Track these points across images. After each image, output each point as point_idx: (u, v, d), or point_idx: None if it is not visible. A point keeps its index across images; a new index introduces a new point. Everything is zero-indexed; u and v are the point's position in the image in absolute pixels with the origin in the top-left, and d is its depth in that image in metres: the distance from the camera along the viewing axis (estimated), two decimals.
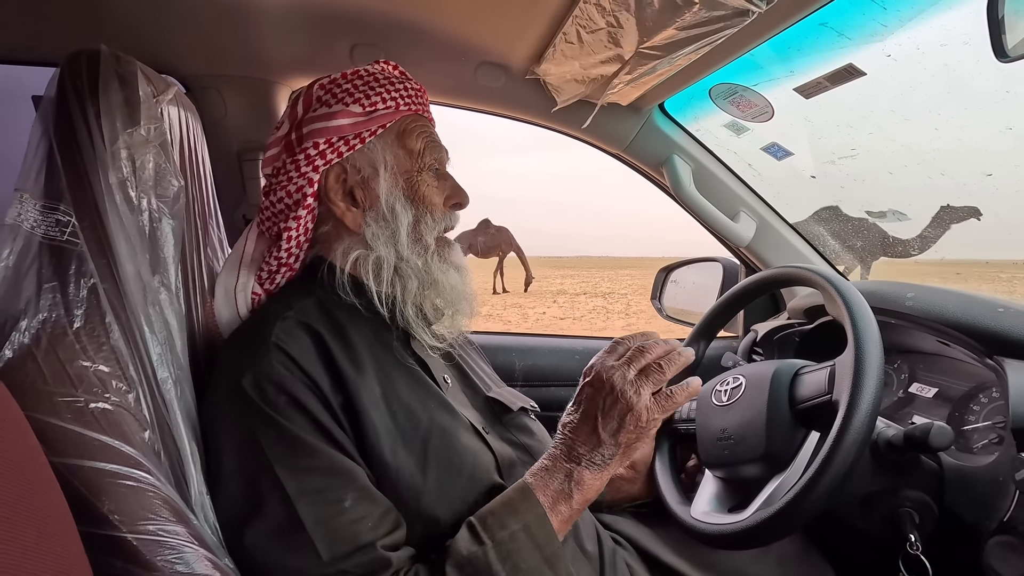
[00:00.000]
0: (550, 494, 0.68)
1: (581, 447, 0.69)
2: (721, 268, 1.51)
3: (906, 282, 1.02)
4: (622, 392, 0.67)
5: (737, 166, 1.34)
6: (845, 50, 0.85)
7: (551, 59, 1.03)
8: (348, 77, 0.82)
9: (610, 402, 0.68)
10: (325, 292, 0.78)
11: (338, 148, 0.78)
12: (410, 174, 0.81)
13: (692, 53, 0.86)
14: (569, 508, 0.68)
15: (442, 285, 0.82)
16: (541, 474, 0.69)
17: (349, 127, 0.78)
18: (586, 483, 0.68)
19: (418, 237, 0.81)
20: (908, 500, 0.77)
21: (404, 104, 0.82)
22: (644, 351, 0.70)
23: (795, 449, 0.77)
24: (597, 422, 0.68)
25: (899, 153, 1.09)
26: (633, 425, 0.67)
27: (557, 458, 0.70)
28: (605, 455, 0.68)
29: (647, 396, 0.68)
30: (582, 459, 0.68)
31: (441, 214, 0.83)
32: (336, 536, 0.61)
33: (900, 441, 0.75)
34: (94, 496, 0.52)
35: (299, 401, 0.65)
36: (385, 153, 0.80)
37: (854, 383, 0.69)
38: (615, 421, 0.67)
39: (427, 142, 0.83)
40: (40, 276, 0.61)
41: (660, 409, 0.68)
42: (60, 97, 0.66)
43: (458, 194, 0.85)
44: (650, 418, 0.68)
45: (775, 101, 1.06)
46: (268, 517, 0.62)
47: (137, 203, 0.68)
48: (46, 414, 0.53)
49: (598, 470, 0.68)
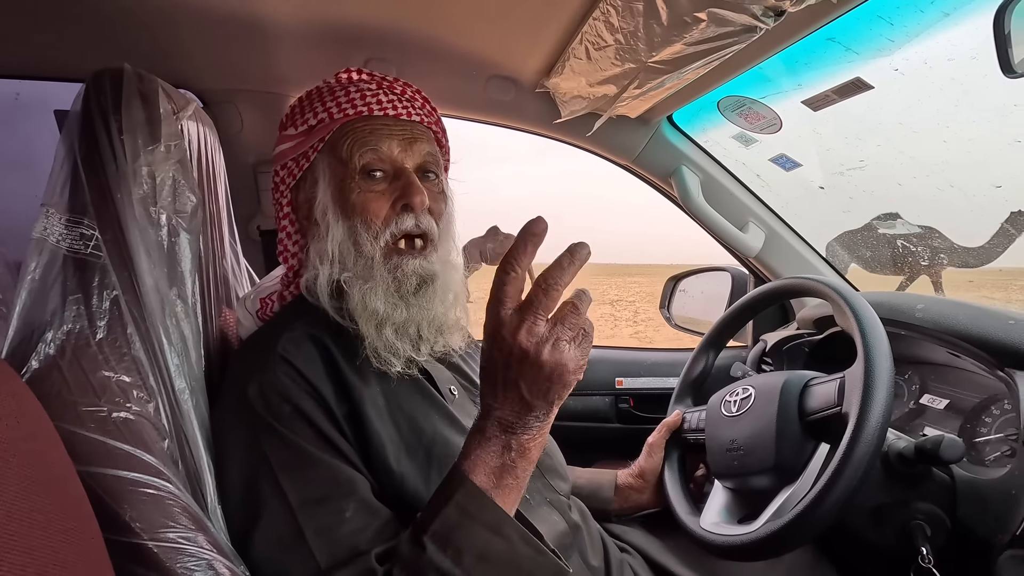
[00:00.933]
0: (491, 471, 0.60)
1: (510, 415, 0.59)
2: (730, 278, 1.51)
3: (915, 293, 1.02)
4: (538, 353, 0.55)
5: (745, 177, 1.35)
6: (853, 64, 0.86)
7: (560, 73, 1.04)
8: (302, 97, 0.83)
9: (528, 367, 0.56)
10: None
11: (291, 170, 0.80)
12: (343, 182, 0.76)
13: (700, 68, 0.87)
14: (515, 478, 0.61)
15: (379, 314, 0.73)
16: (476, 451, 0.61)
17: (290, 149, 0.80)
18: (526, 446, 0.60)
19: (359, 251, 0.75)
20: (919, 513, 0.76)
21: (339, 112, 0.78)
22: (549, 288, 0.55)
23: (805, 461, 0.78)
24: (521, 389, 0.57)
25: (908, 165, 1.09)
26: (561, 381, 0.57)
27: (487, 431, 0.61)
28: (539, 415, 0.59)
29: (567, 347, 0.56)
30: (515, 426, 0.59)
31: (383, 221, 0.75)
32: (336, 546, 0.61)
33: (911, 453, 0.75)
34: (116, 504, 0.53)
35: (302, 411, 0.66)
36: (323, 165, 0.78)
37: (864, 395, 0.69)
38: (542, 384, 0.57)
39: (355, 144, 0.76)
40: (65, 288, 0.62)
41: (582, 354, 0.58)
42: (85, 114, 0.68)
43: (406, 193, 0.75)
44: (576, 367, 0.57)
45: (783, 113, 1.07)
46: (270, 525, 0.62)
47: (156, 218, 0.69)
48: (71, 424, 0.55)
49: (536, 431, 0.60)
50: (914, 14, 0.77)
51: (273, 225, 1.26)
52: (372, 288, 0.74)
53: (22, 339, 0.60)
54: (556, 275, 0.55)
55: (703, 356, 1.10)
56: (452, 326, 0.79)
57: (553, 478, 0.85)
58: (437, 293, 0.77)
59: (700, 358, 1.10)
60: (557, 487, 0.85)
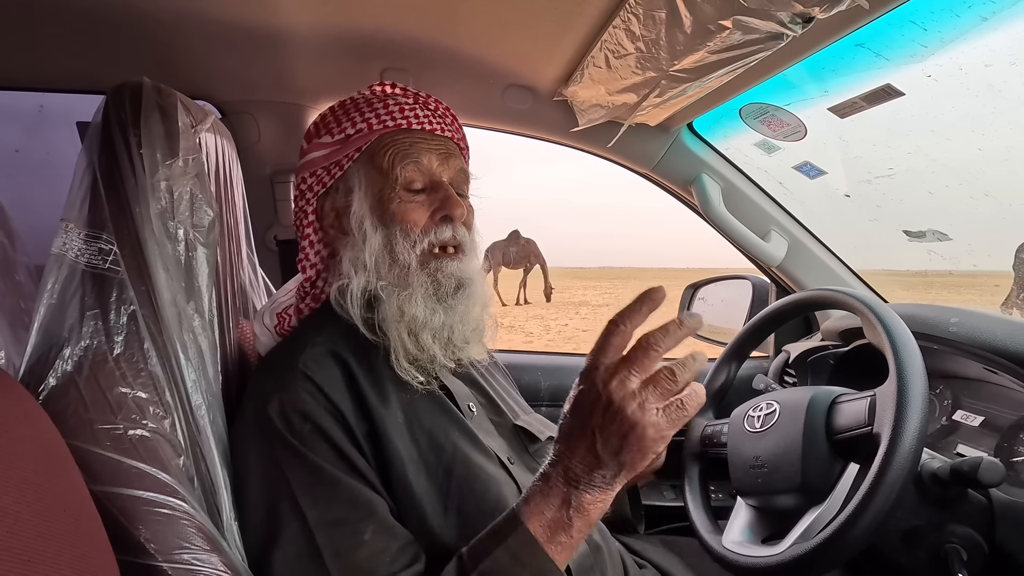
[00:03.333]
0: (546, 524, 0.59)
1: (578, 466, 0.58)
2: (751, 286, 1.48)
3: (947, 306, 0.98)
4: (621, 408, 0.55)
5: (768, 185, 1.32)
6: (883, 70, 0.83)
7: (578, 82, 1.03)
8: (335, 107, 0.83)
9: (608, 418, 0.56)
10: (351, 317, 0.78)
11: (321, 179, 0.80)
12: (382, 193, 0.78)
13: (723, 76, 0.85)
14: (569, 537, 0.59)
15: (416, 319, 0.74)
16: (536, 499, 0.60)
17: (323, 158, 0.80)
18: (586, 507, 0.59)
19: (394, 259, 0.76)
20: (955, 536, 0.73)
21: (378, 123, 0.79)
22: (648, 348, 0.56)
23: (833, 481, 0.75)
24: (595, 440, 0.57)
25: (940, 173, 1.06)
26: (637, 445, 0.56)
27: (552, 479, 0.60)
28: (607, 476, 0.58)
29: (654, 411, 0.55)
30: (580, 481, 0.58)
31: (422, 231, 0.77)
32: (354, 569, 0.60)
33: (947, 475, 0.72)
34: (131, 524, 0.53)
35: (323, 430, 0.66)
36: (359, 175, 0.79)
37: (897, 416, 0.67)
38: (616, 440, 0.56)
39: (396, 156, 0.78)
40: (83, 304, 0.62)
41: (670, 424, 0.56)
42: (104, 128, 0.68)
43: (445, 206, 0.78)
44: (658, 436, 0.56)
45: (808, 120, 1.04)
46: (288, 545, 0.62)
47: (174, 233, 0.69)
48: (87, 442, 0.54)
49: (599, 492, 0.58)
50: (949, 19, 0.75)
51: (290, 235, 1.26)
52: (410, 295, 0.75)
53: (40, 355, 0.60)
54: (659, 337, 0.56)
55: (725, 367, 1.07)
56: (481, 333, 0.81)
57: None
58: (472, 297, 0.79)
59: (722, 369, 1.07)
60: None
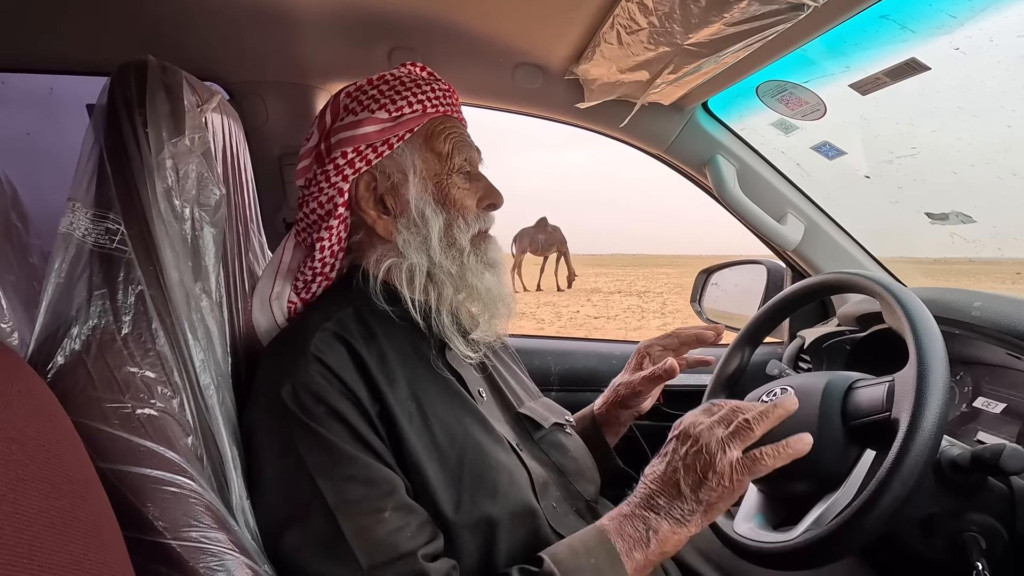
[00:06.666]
0: (627, 539, 0.65)
1: (660, 498, 0.66)
2: (765, 271, 1.46)
3: (970, 289, 0.96)
4: (706, 446, 0.64)
5: (784, 166, 1.29)
6: (908, 43, 0.79)
7: (590, 60, 1.00)
8: (374, 83, 0.81)
9: (693, 455, 0.65)
10: (362, 301, 0.78)
11: (366, 156, 0.78)
12: (439, 177, 0.80)
13: (740, 50, 0.82)
14: (645, 557, 0.65)
15: (477, 289, 0.80)
16: (619, 518, 0.67)
17: (376, 134, 0.78)
18: (663, 535, 0.64)
19: (451, 241, 0.79)
20: (974, 524, 0.72)
21: (431, 106, 0.80)
22: (738, 411, 0.67)
23: (848, 467, 0.74)
24: (679, 474, 0.65)
25: (965, 152, 1.02)
26: (716, 482, 0.63)
27: (636, 505, 0.67)
28: (684, 510, 0.65)
29: (734, 454, 0.64)
30: (660, 510, 0.65)
31: (474, 216, 0.81)
32: (376, 546, 0.61)
33: (967, 462, 0.71)
34: (140, 502, 0.53)
35: (337, 411, 0.66)
36: (414, 158, 0.79)
37: (916, 402, 0.66)
38: (696, 475, 0.64)
39: (456, 143, 0.81)
40: (91, 283, 0.62)
41: (746, 469, 0.64)
42: (110, 108, 0.68)
43: (491, 195, 0.83)
44: (734, 477, 0.63)
45: (828, 98, 1.01)
46: (308, 527, 0.62)
47: (180, 212, 0.69)
48: (95, 420, 0.55)
49: (677, 524, 0.65)
50: None
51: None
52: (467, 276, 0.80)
53: (48, 334, 0.60)
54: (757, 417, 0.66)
55: (738, 352, 1.05)
56: (511, 313, 0.86)
57: (579, 482, 0.84)
58: (504, 278, 0.85)
59: (735, 354, 1.05)
60: (584, 491, 0.84)
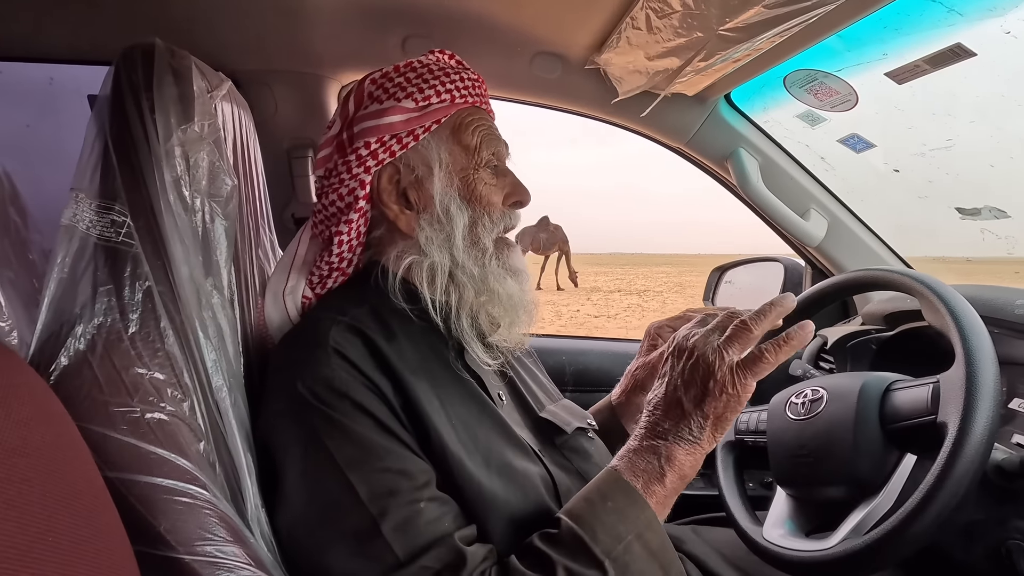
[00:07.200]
0: (640, 474, 0.62)
1: (666, 422, 0.63)
2: (782, 269, 1.42)
3: (1012, 287, 0.92)
4: (703, 355, 0.61)
5: (808, 160, 1.25)
6: (954, 28, 0.75)
7: (614, 47, 0.96)
8: (401, 70, 0.77)
9: (691, 368, 0.62)
10: (379, 298, 0.74)
11: (390, 147, 0.74)
12: (466, 172, 0.76)
13: (776, 36, 0.78)
14: (663, 488, 0.62)
15: (499, 295, 0.76)
16: (628, 456, 0.64)
17: (401, 124, 0.74)
18: (678, 459, 0.62)
19: (475, 240, 0.76)
20: (1018, 532, 0.69)
21: (460, 96, 0.77)
22: (733, 315, 0.64)
23: (887, 473, 0.71)
24: (679, 391, 0.62)
25: (1005, 143, 0.98)
26: (719, 391, 0.60)
27: (642, 437, 0.64)
28: (692, 428, 0.62)
29: (732, 358, 0.60)
30: (668, 434, 0.62)
31: (500, 214, 0.78)
32: (414, 536, 0.59)
33: (1015, 467, 0.68)
34: (150, 514, 0.50)
35: (362, 404, 0.63)
36: (440, 150, 0.75)
37: (967, 404, 0.63)
38: (697, 387, 0.61)
39: (484, 136, 0.78)
40: (96, 279, 0.59)
41: (749, 372, 0.60)
42: (115, 93, 0.64)
43: (518, 191, 0.80)
44: (738, 382, 0.60)
45: (860, 88, 0.97)
46: (342, 522, 0.60)
47: (190, 203, 0.65)
48: (102, 426, 0.51)
49: (689, 445, 0.62)
50: None
51: (309, 213, 1.22)
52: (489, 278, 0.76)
53: (51, 334, 0.56)
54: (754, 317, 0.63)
55: None
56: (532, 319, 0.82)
57: None
58: (527, 283, 0.81)
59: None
60: None
